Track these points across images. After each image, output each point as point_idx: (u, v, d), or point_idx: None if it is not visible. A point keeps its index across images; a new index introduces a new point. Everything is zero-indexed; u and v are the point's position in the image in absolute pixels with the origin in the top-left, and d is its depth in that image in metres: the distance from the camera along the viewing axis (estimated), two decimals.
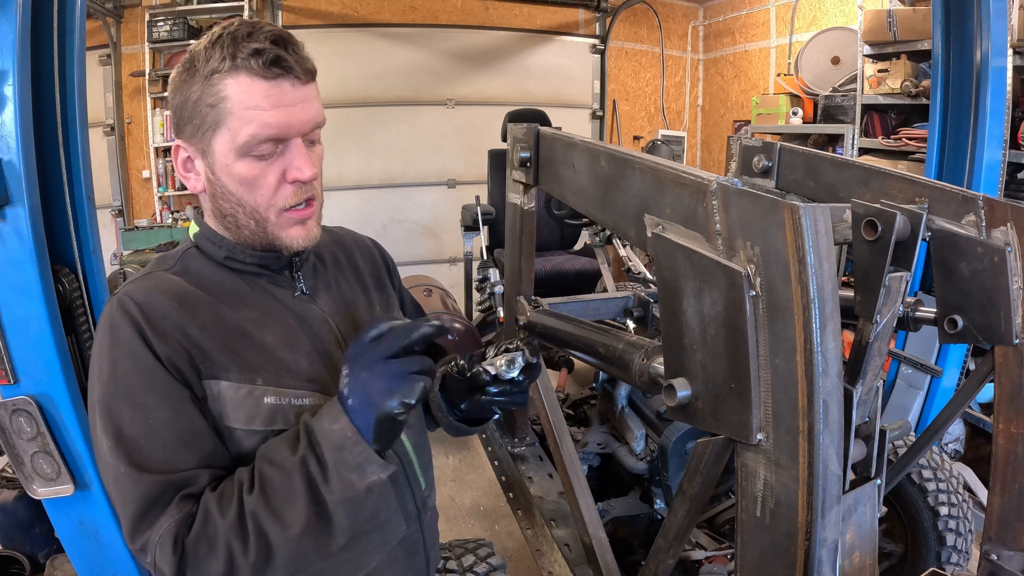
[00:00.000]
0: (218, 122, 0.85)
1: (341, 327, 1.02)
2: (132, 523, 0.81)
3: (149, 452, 0.81)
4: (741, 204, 0.80)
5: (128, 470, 0.81)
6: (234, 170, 0.87)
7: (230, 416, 0.87)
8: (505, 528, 2.73)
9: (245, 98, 0.83)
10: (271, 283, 0.98)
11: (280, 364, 0.91)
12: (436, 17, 5.33)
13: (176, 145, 0.92)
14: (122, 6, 4.73)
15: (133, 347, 0.83)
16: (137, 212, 5.06)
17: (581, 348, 1.55)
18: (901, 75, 3.55)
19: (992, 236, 1.12)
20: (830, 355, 0.74)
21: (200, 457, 0.84)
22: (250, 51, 0.82)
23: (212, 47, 0.84)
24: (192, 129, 0.88)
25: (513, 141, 1.65)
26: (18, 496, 2.07)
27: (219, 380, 0.87)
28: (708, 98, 6.27)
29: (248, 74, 0.83)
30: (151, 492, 0.80)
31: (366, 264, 1.16)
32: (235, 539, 0.78)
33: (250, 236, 0.93)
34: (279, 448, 0.83)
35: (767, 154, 1.57)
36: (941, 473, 1.79)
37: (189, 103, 0.87)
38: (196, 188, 0.93)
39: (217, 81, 0.84)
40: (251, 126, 0.84)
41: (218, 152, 0.87)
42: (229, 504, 0.79)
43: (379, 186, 5.33)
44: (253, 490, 0.80)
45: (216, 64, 0.83)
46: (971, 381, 1.31)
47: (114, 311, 0.86)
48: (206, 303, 0.91)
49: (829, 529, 0.78)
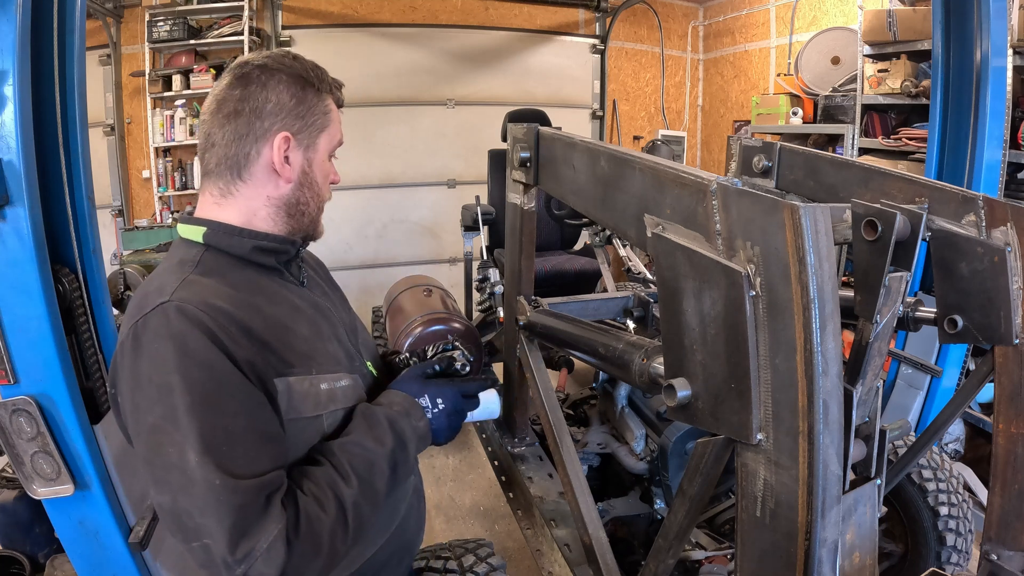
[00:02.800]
0: (324, 126, 1.07)
1: (337, 314, 1.15)
2: (233, 534, 0.81)
3: (237, 460, 0.84)
4: (741, 204, 0.80)
5: (224, 481, 0.82)
6: (325, 166, 1.10)
7: (298, 408, 0.95)
8: (505, 528, 2.73)
9: (335, 115, 1.11)
10: (281, 278, 1.08)
11: (319, 352, 1.03)
12: (436, 17, 5.33)
13: (283, 135, 1.03)
14: (122, 6, 4.73)
15: (206, 355, 0.85)
16: (137, 212, 5.06)
17: (581, 348, 1.55)
18: (901, 75, 3.55)
19: (992, 236, 1.12)
20: (830, 355, 0.74)
21: (275, 457, 0.89)
22: (338, 85, 1.12)
23: (321, 76, 1.07)
24: (303, 126, 1.04)
25: (513, 141, 1.65)
26: (18, 496, 2.06)
27: (287, 376, 0.95)
28: (708, 98, 6.27)
29: (334, 100, 1.11)
30: (246, 500, 0.82)
31: (319, 269, 1.29)
32: (340, 528, 0.90)
33: (307, 223, 1.09)
34: (362, 442, 0.98)
35: (767, 154, 1.57)
36: (941, 473, 1.78)
37: (306, 107, 1.04)
38: (287, 177, 1.04)
39: (327, 98, 1.08)
40: (339, 134, 1.11)
41: (321, 149, 1.08)
42: (327, 500, 0.90)
43: (379, 186, 5.33)
44: (349, 482, 0.93)
45: (325, 85, 1.08)
46: (971, 381, 1.31)
47: (174, 321, 0.86)
48: (251, 303, 0.96)
49: (829, 529, 0.78)
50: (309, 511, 0.87)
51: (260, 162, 1.01)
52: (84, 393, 1.48)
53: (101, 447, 1.49)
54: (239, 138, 1.00)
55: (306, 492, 0.89)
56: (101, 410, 1.52)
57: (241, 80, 1.01)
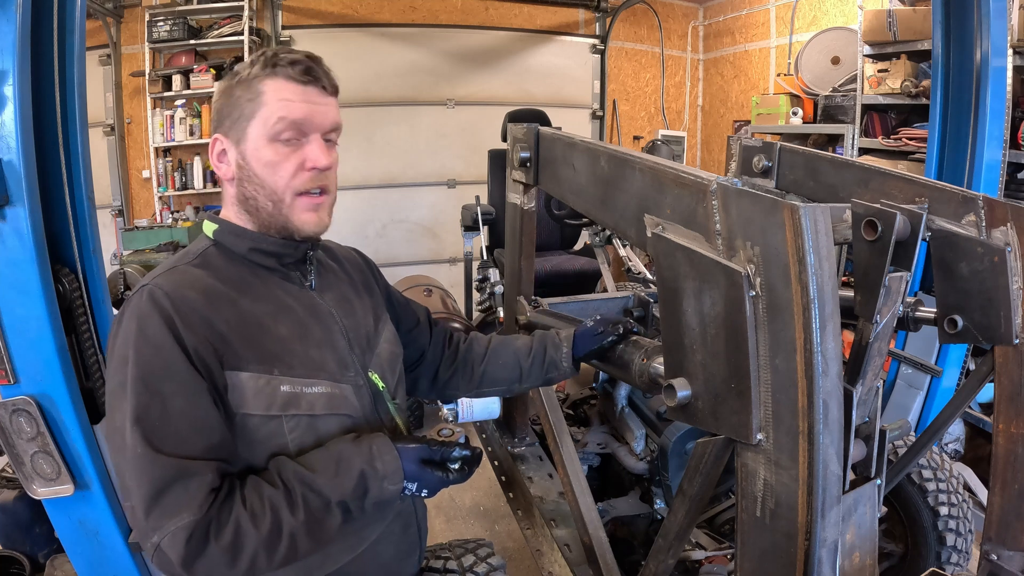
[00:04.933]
0: (254, 112, 1.00)
1: (344, 321, 1.13)
2: (146, 503, 0.87)
3: (164, 436, 0.88)
4: (741, 204, 0.80)
5: (145, 451, 0.87)
6: (261, 153, 1.01)
7: (250, 404, 0.96)
8: (505, 528, 2.73)
9: (279, 93, 1.00)
10: (284, 279, 1.08)
11: (293, 355, 1.01)
12: (436, 17, 5.33)
13: (214, 139, 1.05)
14: (122, 6, 4.73)
15: (159, 337, 0.91)
16: (137, 212, 5.06)
17: None
18: (901, 75, 3.55)
19: (992, 236, 1.12)
20: (830, 355, 0.74)
21: (207, 446, 0.91)
22: (288, 61, 1.01)
23: (255, 61, 1.02)
24: (230, 122, 1.02)
25: (513, 141, 1.65)
26: (18, 496, 2.06)
27: (240, 371, 0.95)
28: (708, 98, 6.27)
29: (284, 78, 1.00)
30: (164, 474, 0.87)
31: (354, 271, 1.27)
32: (263, 549, 0.90)
33: (267, 218, 1.04)
34: (323, 485, 0.94)
35: (767, 154, 1.57)
36: (941, 473, 1.78)
37: (231, 101, 1.02)
38: (226, 176, 1.05)
39: (257, 83, 1.00)
40: (280, 112, 0.99)
41: (251, 137, 1.01)
42: (263, 519, 0.90)
43: (379, 186, 5.33)
44: (295, 512, 0.92)
45: (258, 71, 1.00)
46: (971, 381, 1.31)
47: (143, 302, 0.93)
48: (228, 297, 0.99)
49: (829, 529, 0.78)
50: (240, 523, 0.89)
51: (214, 165, 1.07)
52: (84, 393, 1.48)
53: (101, 447, 1.49)
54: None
55: (246, 505, 0.90)
56: (101, 410, 1.52)
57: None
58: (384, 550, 1.14)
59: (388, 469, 0.98)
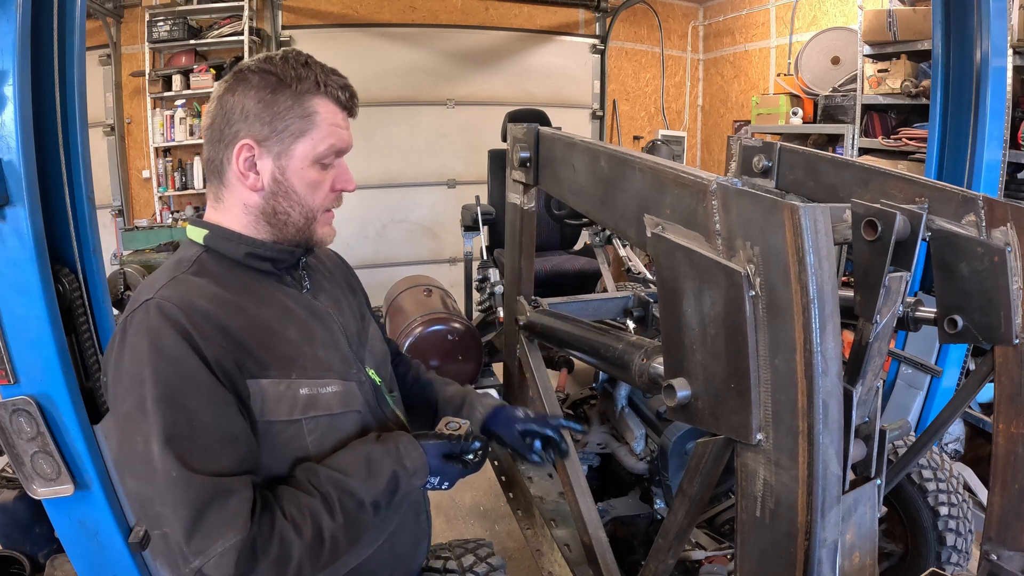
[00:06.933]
0: (304, 131, 1.00)
1: (340, 320, 1.14)
2: (187, 527, 0.84)
3: (196, 454, 0.85)
4: (741, 204, 0.80)
5: (181, 473, 0.84)
6: (306, 174, 1.02)
7: (272, 411, 0.96)
8: (505, 528, 2.73)
9: (331, 117, 1.02)
10: (279, 282, 1.07)
11: (305, 357, 1.02)
12: (436, 17, 5.33)
13: (243, 144, 0.99)
14: (122, 6, 4.73)
15: (177, 351, 0.87)
16: (137, 212, 5.07)
17: (581, 348, 1.55)
18: (901, 75, 3.55)
19: (992, 236, 1.12)
20: (830, 355, 0.74)
21: (239, 460, 0.90)
22: (339, 85, 1.03)
23: (302, 68, 1.00)
24: (271, 131, 0.98)
25: (513, 141, 1.65)
26: (18, 496, 2.06)
27: (260, 379, 0.95)
28: (708, 98, 6.27)
29: (334, 101, 1.03)
30: (202, 495, 0.84)
31: (337, 271, 1.28)
32: (308, 557, 0.90)
33: (294, 233, 1.04)
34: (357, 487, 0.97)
35: (767, 154, 1.57)
36: (941, 473, 1.78)
37: (275, 110, 0.98)
38: (254, 187, 1.01)
39: (308, 100, 0.99)
40: (331, 139, 1.02)
41: (297, 155, 1.00)
42: (305, 527, 0.91)
43: (379, 186, 5.33)
44: (335, 516, 0.94)
45: (309, 85, 0.99)
46: (971, 381, 1.31)
47: (152, 316, 0.89)
48: (236, 303, 0.97)
49: (829, 529, 0.78)
50: (284, 534, 0.88)
51: (232, 169, 1.01)
52: (84, 393, 1.48)
53: (101, 447, 1.49)
54: (214, 143, 1.02)
55: (287, 516, 0.90)
56: (101, 410, 1.52)
57: (225, 83, 1.02)
58: (400, 539, 1.19)
59: (416, 465, 1.04)
